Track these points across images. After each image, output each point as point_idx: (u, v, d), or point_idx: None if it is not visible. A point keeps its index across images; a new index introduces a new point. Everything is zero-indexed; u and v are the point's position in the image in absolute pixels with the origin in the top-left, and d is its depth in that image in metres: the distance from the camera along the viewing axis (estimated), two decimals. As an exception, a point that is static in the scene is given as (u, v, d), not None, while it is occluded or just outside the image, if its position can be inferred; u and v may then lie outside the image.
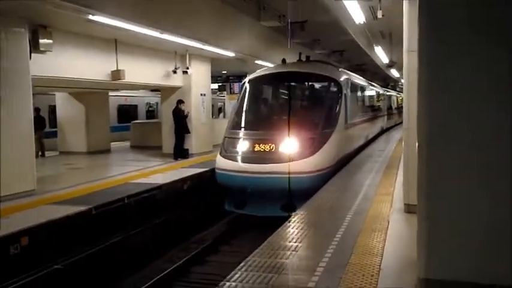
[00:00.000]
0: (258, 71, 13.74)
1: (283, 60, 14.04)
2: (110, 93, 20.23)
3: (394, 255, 5.34)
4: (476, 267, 3.77)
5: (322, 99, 12.70)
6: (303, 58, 14.78)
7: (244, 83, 13.12)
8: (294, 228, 6.50)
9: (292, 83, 13.28)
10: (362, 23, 12.31)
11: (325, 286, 4.44)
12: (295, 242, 5.86)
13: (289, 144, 10.61)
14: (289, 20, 14.55)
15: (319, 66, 13.75)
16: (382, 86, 31.60)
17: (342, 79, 12.85)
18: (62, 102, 18.28)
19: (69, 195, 9.91)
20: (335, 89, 12.40)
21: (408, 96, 6.89)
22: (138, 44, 13.77)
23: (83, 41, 12.05)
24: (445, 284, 3.83)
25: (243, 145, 11.13)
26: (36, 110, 16.53)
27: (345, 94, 12.60)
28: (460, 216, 3.71)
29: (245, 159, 10.80)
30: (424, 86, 3.78)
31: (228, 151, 11.28)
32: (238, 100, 12.91)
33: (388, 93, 31.32)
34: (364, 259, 5.16)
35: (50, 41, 10.43)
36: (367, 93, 19.93)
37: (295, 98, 13.13)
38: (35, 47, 10.04)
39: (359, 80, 18.07)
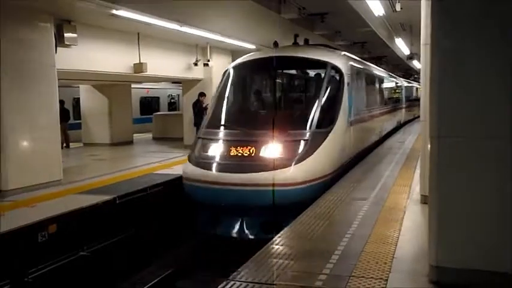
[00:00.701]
0: (244, 56, 11.40)
1: (275, 44, 11.67)
2: (133, 85, 20.55)
3: (409, 244, 5.46)
4: (486, 256, 3.89)
5: (317, 90, 10.07)
6: (301, 42, 12.67)
7: (226, 71, 10.91)
8: (310, 218, 6.65)
9: (281, 71, 11.25)
10: (381, 15, 12.32)
11: (339, 272, 4.59)
12: (311, 231, 6.01)
13: (274, 147, 8.63)
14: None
15: (315, 50, 11.36)
16: (403, 77, 31.16)
17: (343, 65, 10.53)
18: (86, 94, 18.65)
19: (93, 185, 10.20)
20: (335, 78, 10.14)
21: (425, 88, 6.97)
22: (160, 37, 13.99)
23: (106, 35, 12.32)
24: (456, 271, 3.96)
25: (216, 148, 9.05)
26: (61, 102, 16.87)
27: (349, 83, 10.40)
28: (469, 206, 3.84)
29: (217, 167, 8.66)
30: (434, 79, 3.90)
31: (198, 156, 9.15)
32: (217, 92, 10.74)
33: (408, 85, 30.11)
34: (378, 248, 5.29)
35: (75, 35, 10.70)
36: (381, 83, 17.58)
37: (284, 88, 11.40)
38: (60, 40, 10.32)
39: (369, 67, 15.46)
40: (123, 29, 12.57)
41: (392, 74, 23.80)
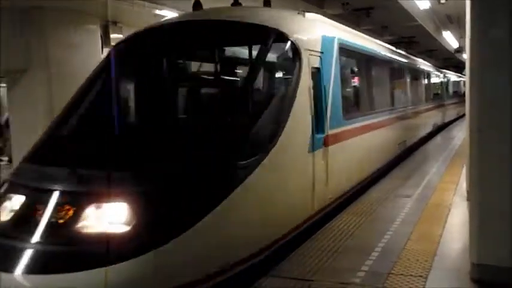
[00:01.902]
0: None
1: (196, 4, 6.75)
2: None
3: (452, 242, 5.34)
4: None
5: (242, 82, 6.10)
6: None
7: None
8: (353, 215, 6.58)
9: (188, 48, 6.27)
10: (427, 8, 12.03)
11: (378, 269, 4.54)
12: (352, 228, 5.95)
13: (113, 208, 4.01)
14: None
15: (258, 12, 6.35)
16: (455, 72, 29.94)
17: (305, 36, 6.07)
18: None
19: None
20: (283, 56, 5.85)
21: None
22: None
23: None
24: (498, 269, 3.84)
25: (13, 206, 4.37)
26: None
27: (318, 70, 6.19)
28: (510, 203, 3.71)
29: None
30: (475, 71, 3.79)
31: None
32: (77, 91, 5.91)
33: (455, 79, 27.32)
34: (420, 245, 5.18)
35: (121, 36, 10.94)
36: (404, 73, 13.18)
37: (178, 81, 6.46)
38: (106, 42, 10.58)
39: (376, 47, 10.60)
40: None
41: (425, 62, 19.53)
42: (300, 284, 4.29)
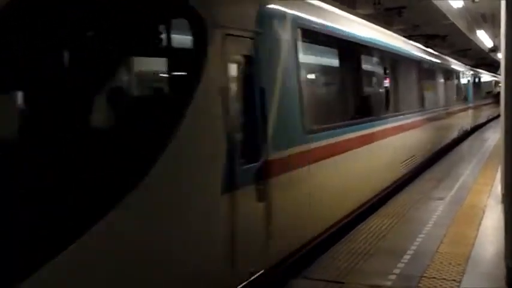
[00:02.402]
0: None
1: None
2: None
3: (486, 245, 5.25)
4: None
5: (92, 83, 3.05)
6: None
7: None
8: (384, 217, 6.52)
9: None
10: (460, 6, 11.83)
11: (410, 272, 4.49)
12: (384, 230, 5.90)
13: None
14: None
15: None
16: (490, 72, 29.07)
17: (218, 7, 3.81)
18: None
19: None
20: (178, 41, 3.53)
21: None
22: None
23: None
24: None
25: None
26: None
27: (246, 58, 3.98)
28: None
29: None
30: (509, 70, 3.73)
31: None
32: None
33: (487, 78, 25.61)
34: (453, 248, 5.11)
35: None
36: (410, 68, 10.10)
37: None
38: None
39: (356, 27, 7.34)
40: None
41: (449, 58, 17.07)
42: (331, 286, 4.27)
